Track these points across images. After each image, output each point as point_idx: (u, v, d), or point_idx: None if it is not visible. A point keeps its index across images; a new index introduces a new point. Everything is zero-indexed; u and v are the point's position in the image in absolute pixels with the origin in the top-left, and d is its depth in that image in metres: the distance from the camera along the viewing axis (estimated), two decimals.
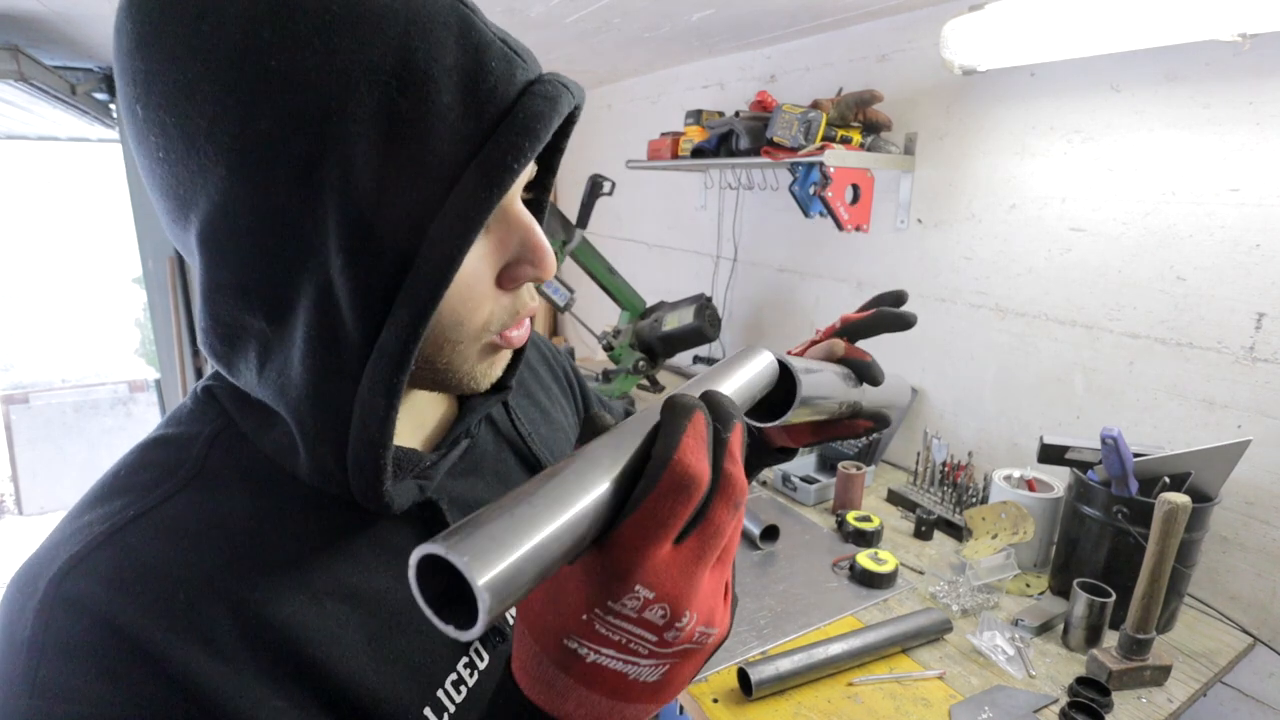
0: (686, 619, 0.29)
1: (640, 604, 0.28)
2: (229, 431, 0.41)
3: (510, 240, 0.39)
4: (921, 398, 1.76)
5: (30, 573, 0.35)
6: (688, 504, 0.28)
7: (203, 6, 0.31)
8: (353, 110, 0.31)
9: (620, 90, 2.87)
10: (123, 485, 0.38)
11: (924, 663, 1.05)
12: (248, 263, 0.34)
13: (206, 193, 0.33)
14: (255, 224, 0.33)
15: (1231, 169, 1.16)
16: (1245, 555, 1.20)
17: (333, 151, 0.32)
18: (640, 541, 0.28)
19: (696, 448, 0.29)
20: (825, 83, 1.88)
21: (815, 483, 1.58)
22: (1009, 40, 1.29)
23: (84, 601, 0.33)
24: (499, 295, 0.40)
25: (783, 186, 2.02)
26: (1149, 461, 1.12)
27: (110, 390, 4.06)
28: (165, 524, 0.36)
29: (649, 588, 0.28)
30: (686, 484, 0.28)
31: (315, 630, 0.38)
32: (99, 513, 0.36)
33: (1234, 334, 1.18)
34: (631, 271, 2.48)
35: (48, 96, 2.19)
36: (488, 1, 1.62)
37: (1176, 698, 1.00)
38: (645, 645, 0.29)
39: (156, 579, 0.34)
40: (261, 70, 0.31)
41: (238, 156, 0.32)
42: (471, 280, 0.38)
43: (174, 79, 0.32)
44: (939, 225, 1.66)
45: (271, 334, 0.36)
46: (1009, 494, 1.31)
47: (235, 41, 0.31)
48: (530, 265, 0.40)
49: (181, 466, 0.39)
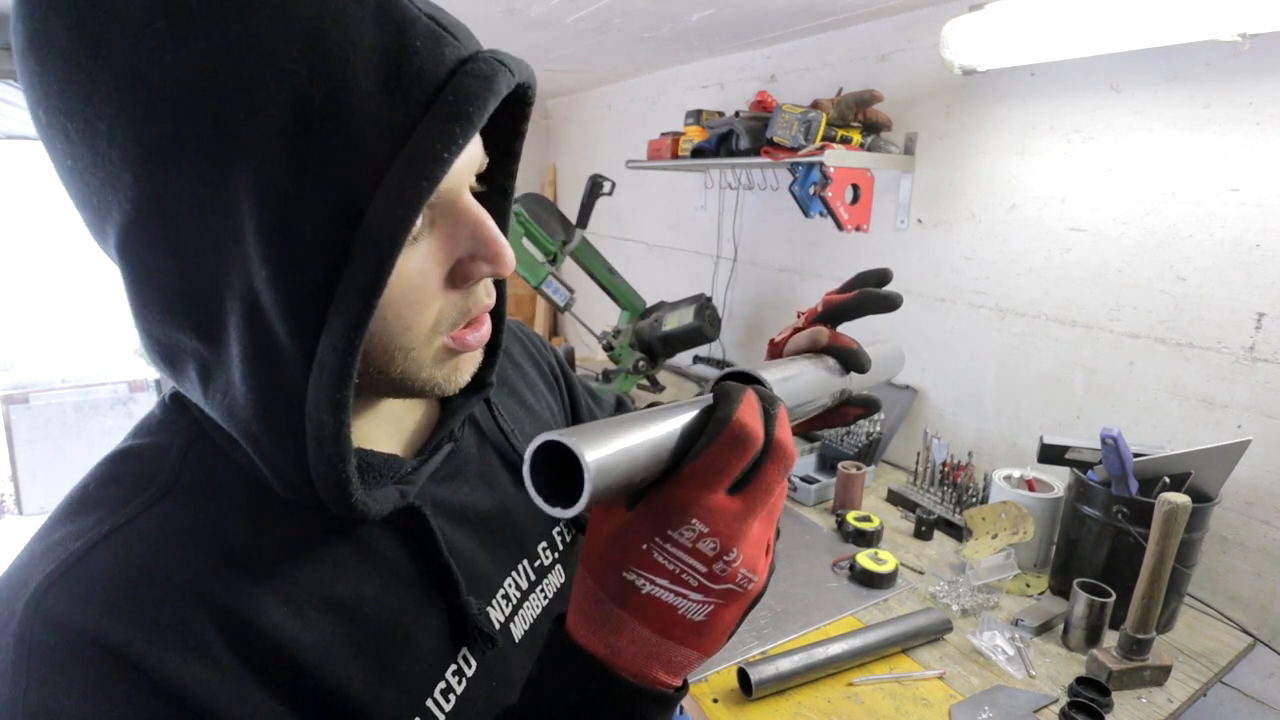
0: (734, 555, 0.33)
1: (695, 535, 0.32)
2: (201, 440, 0.39)
3: (459, 235, 0.37)
4: (921, 398, 1.76)
5: (3, 597, 0.33)
6: (743, 456, 0.33)
7: None
8: (260, 104, 0.28)
9: (620, 90, 2.87)
10: (94, 499, 0.36)
11: (924, 663, 1.05)
12: (169, 276, 0.32)
13: (118, 201, 0.31)
14: (169, 235, 0.31)
15: (1231, 169, 1.16)
16: (1245, 555, 1.20)
17: (241, 151, 0.29)
18: (700, 483, 0.32)
19: (753, 412, 0.34)
20: (825, 83, 1.88)
21: (815, 483, 1.58)
22: (1009, 40, 1.29)
23: (65, 620, 0.31)
24: (448, 295, 0.38)
25: (783, 186, 2.02)
26: (1149, 461, 1.12)
27: (110, 390, 4.06)
28: (145, 536, 0.35)
29: (704, 522, 0.32)
30: (743, 439, 0.33)
31: (302, 640, 0.36)
32: (71, 529, 0.35)
33: (1234, 334, 1.18)
34: (631, 271, 2.48)
35: None
36: (488, 2, 1.62)
37: (1176, 698, 1.00)
38: (696, 576, 0.33)
39: (140, 591, 0.33)
40: (158, 65, 0.28)
41: (141, 162, 0.29)
42: (416, 281, 0.35)
43: (68, 79, 0.29)
44: (939, 225, 1.65)
45: (207, 353, 0.34)
46: (1009, 494, 1.31)
47: (129, 34, 0.28)
48: (485, 261, 0.37)
49: (155, 478, 0.37)
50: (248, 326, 0.32)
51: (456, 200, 0.37)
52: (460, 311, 0.39)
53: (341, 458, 0.34)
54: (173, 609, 0.33)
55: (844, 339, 0.53)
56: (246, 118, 0.29)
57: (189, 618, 0.33)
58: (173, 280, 0.32)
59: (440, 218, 0.36)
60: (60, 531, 0.35)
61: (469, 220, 0.37)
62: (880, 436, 1.69)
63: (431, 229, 0.36)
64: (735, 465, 0.33)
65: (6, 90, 2.03)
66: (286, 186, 0.29)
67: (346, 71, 0.29)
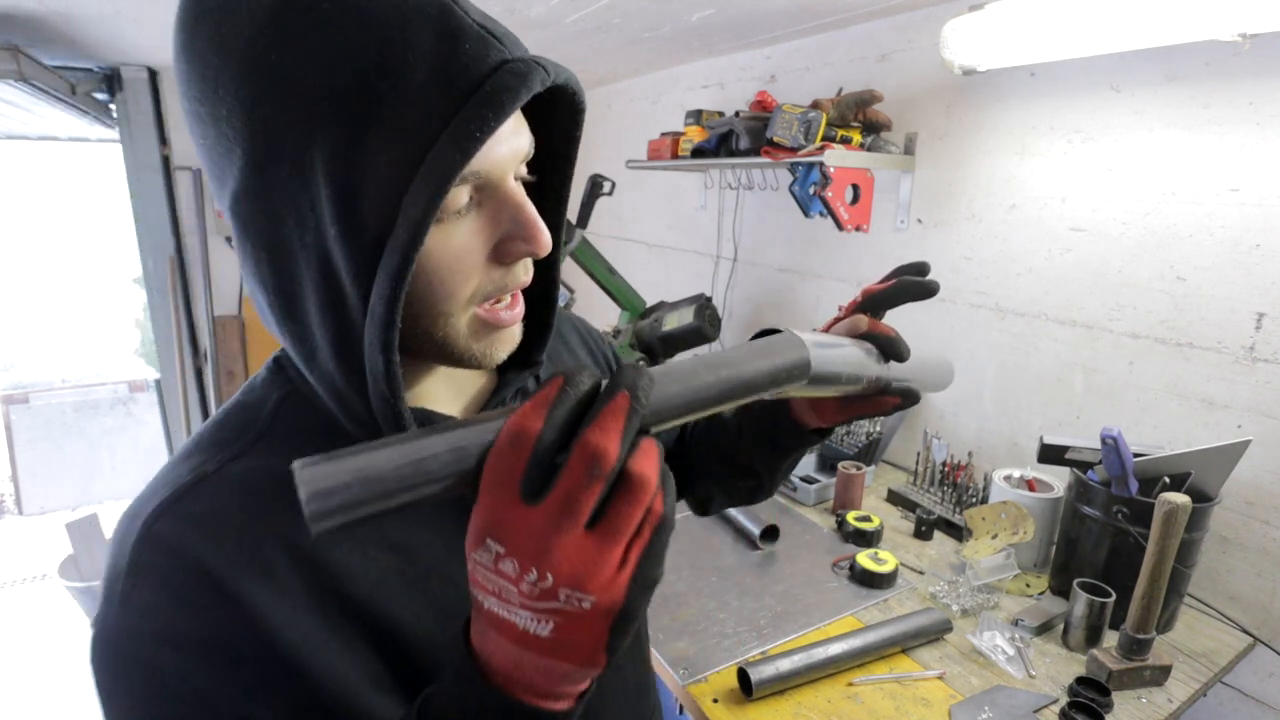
0: (535, 576, 0.30)
1: (494, 556, 0.31)
2: (293, 397, 0.46)
3: (502, 216, 0.42)
4: (922, 398, 1.76)
5: (133, 511, 0.41)
6: (519, 459, 0.30)
7: (222, 13, 0.37)
8: (336, 95, 0.35)
9: (620, 90, 2.87)
10: (205, 442, 0.44)
11: (924, 663, 1.05)
12: (264, 234, 0.39)
13: (232, 172, 0.38)
14: (266, 199, 0.38)
15: (1231, 169, 1.16)
16: (1245, 555, 1.20)
17: (321, 132, 0.36)
18: (486, 497, 0.31)
19: (534, 410, 0.31)
20: (825, 83, 1.88)
21: (815, 483, 1.58)
22: (1009, 40, 1.29)
23: (168, 539, 0.39)
24: (489, 270, 0.43)
25: (783, 186, 2.02)
26: (1149, 461, 1.12)
27: (110, 390, 4.05)
28: (236, 477, 0.42)
29: (498, 541, 0.30)
30: (520, 441, 0.30)
31: (359, 574, 0.43)
32: (188, 465, 0.43)
33: (1234, 334, 1.18)
34: (631, 271, 2.48)
35: (48, 96, 2.19)
36: (488, 2, 1.62)
37: (1176, 698, 1.00)
38: (513, 595, 0.31)
39: (227, 523, 0.40)
40: (264, 65, 0.36)
41: (249, 139, 0.37)
42: (460, 253, 0.41)
43: (203, 75, 0.37)
44: (939, 225, 1.65)
45: (293, 300, 0.40)
46: (1009, 494, 1.31)
47: (244, 41, 0.36)
48: (522, 241, 0.42)
49: (251, 428, 0.45)
50: (321, 278, 0.39)
51: (500, 185, 0.41)
52: (498, 286, 0.44)
53: (394, 392, 0.39)
54: (252, 540, 0.40)
55: (882, 326, 0.55)
56: (325, 106, 0.36)
57: (264, 549, 0.40)
58: (269, 236, 0.39)
59: (486, 199, 0.42)
60: (181, 466, 0.43)
61: (511, 204, 0.42)
62: (880, 436, 1.69)
63: (478, 209, 0.41)
64: (514, 469, 0.30)
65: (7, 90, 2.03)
66: (353, 161, 0.36)
67: (405, 69, 0.36)
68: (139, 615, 0.38)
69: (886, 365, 0.54)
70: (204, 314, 2.98)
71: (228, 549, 0.40)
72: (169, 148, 2.78)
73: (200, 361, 3.04)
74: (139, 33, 2.04)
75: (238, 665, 0.39)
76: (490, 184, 0.41)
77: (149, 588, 0.38)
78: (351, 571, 0.43)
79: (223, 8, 0.37)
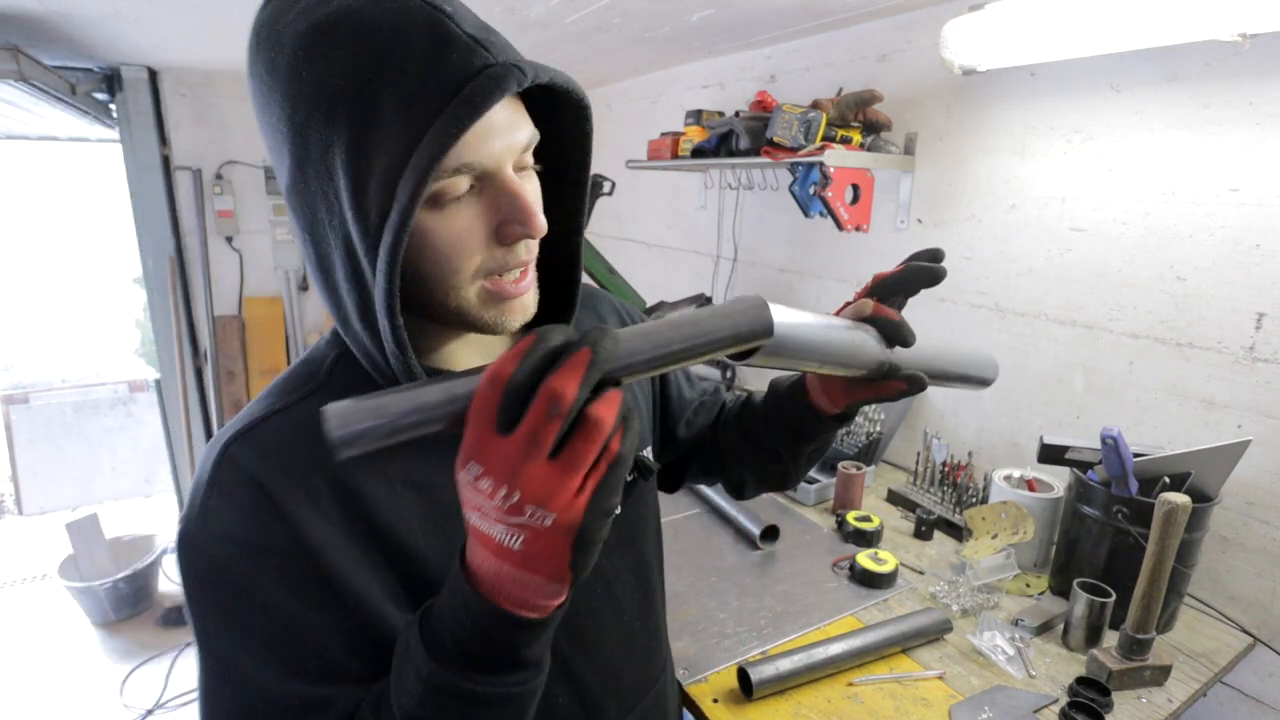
0: (506, 492, 0.37)
1: (474, 476, 0.38)
2: (346, 356, 0.55)
3: (500, 203, 0.48)
4: (921, 398, 1.76)
5: (218, 438, 0.51)
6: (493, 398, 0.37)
7: (272, 42, 0.45)
8: (349, 101, 0.43)
9: (620, 90, 2.87)
10: (278, 389, 0.54)
11: (924, 663, 1.05)
12: (307, 220, 0.47)
13: (283, 170, 0.47)
14: (306, 191, 0.46)
15: (1231, 169, 1.16)
16: (1245, 555, 1.20)
17: (338, 133, 0.43)
18: (469, 428, 0.38)
19: (510, 358, 0.37)
20: (825, 83, 1.88)
21: (815, 483, 1.58)
22: (1009, 40, 1.29)
23: (239, 461, 0.49)
24: (492, 249, 0.49)
25: (783, 186, 2.02)
26: (1149, 461, 1.12)
27: (110, 390, 4.06)
28: (297, 418, 0.51)
29: (477, 463, 0.38)
30: (495, 382, 0.37)
31: (387, 506, 0.51)
32: (261, 406, 0.53)
33: (1234, 334, 1.18)
34: (631, 271, 2.48)
35: (48, 96, 2.19)
36: (487, 2, 1.62)
37: (1176, 698, 1.00)
38: (490, 511, 0.38)
39: (286, 454, 0.50)
40: (299, 80, 0.44)
41: (290, 142, 0.45)
42: (463, 234, 0.47)
43: (262, 90, 0.46)
44: (939, 225, 1.65)
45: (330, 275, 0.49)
46: (1009, 494, 1.31)
47: (285, 63, 0.44)
48: (518, 224, 0.48)
49: (312, 379, 0.54)
50: (345, 256, 0.46)
51: (498, 174, 0.47)
52: (500, 263, 0.50)
53: (401, 349, 0.47)
54: (301, 469, 0.49)
55: (886, 310, 0.57)
56: (340, 110, 0.43)
57: (311, 477, 0.49)
58: (308, 222, 0.47)
59: (486, 187, 0.47)
60: (255, 407, 0.53)
61: (507, 191, 0.47)
62: (880, 436, 1.69)
63: (479, 196, 0.48)
64: (490, 404, 0.37)
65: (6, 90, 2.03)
66: (362, 155, 0.43)
67: (400, 77, 0.42)
68: (212, 519, 0.48)
69: (891, 350, 0.54)
70: (204, 314, 2.98)
71: (282, 474, 0.49)
72: (169, 148, 2.78)
73: (200, 361, 3.04)
74: (139, 33, 2.04)
75: (286, 567, 0.48)
76: (489, 173, 0.47)
77: (220, 498, 0.48)
78: (379, 501, 0.51)
79: (273, 38, 0.45)
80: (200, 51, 2.33)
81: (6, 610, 2.94)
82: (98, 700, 2.40)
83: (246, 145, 2.91)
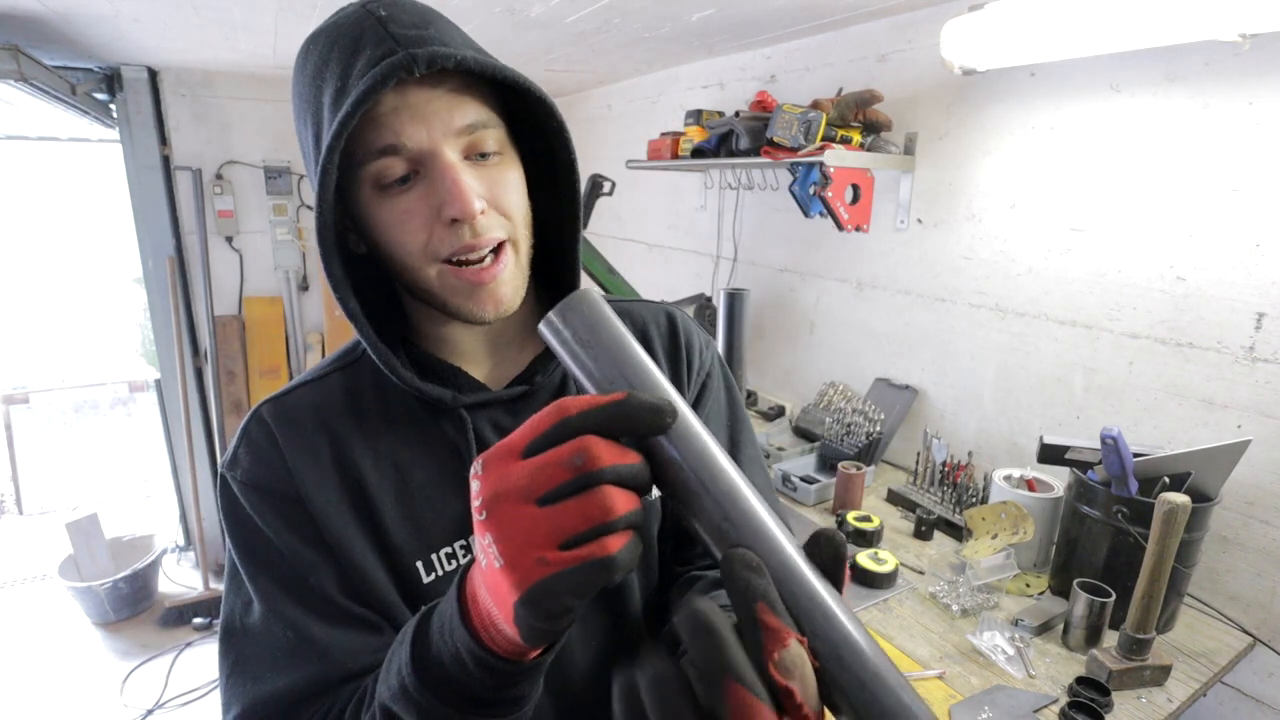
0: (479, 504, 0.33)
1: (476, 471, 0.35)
2: None
3: (436, 185, 0.51)
4: (921, 397, 1.76)
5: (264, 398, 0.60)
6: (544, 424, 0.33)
7: (302, 62, 0.53)
8: (308, 104, 0.52)
9: (620, 90, 2.87)
10: (322, 362, 0.63)
11: (924, 662, 1.05)
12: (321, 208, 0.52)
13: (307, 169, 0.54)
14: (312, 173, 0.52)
15: (1231, 169, 1.16)
16: (1245, 555, 1.20)
17: (308, 131, 0.53)
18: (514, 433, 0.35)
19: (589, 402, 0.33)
20: (825, 83, 1.88)
21: (815, 483, 1.58)
22: (1009, 40, 1.29)
23: (265, 418, 0.58)
24: (439, 228, 0.52)
25: (783, 186, 2.02)
26: (1149, 461, 1.12)
27: (110, 390, 4.06)
28: (322, 388, 0.60)
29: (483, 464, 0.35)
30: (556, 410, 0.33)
31: (371, 478, 0.57)
32: (304, 375, 0.62)
33: (1234, 334, 1.18)
34: (631, 271, 2.48)
35: (48, 96, 2.19)
36: (488, 2, 1.62)
37: (1176, 698, 1.00)
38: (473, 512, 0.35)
39: (303, 416, 0.58)
40: (306, 91, 0.53)
41: (303, 144, 0.55)
42: (404, 216, 0.52)
43: (295, 102, 0.55)
44: (939, 225, 1.65)
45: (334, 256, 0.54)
46: (1009, 494, 1.30)
47: (294, 81, 0.55)
48: (447, 205, 0.50)
49: (349, 355, 0.62)
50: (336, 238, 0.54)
51: (435, 158, 0.50)
52: (450, 245, 0.52)
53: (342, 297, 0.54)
54: (312, 431, 0.58)
55: None
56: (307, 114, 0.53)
57: (319, 438, 0.58)
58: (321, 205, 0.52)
59: (426, 171, 0.51)
60: (301, 375, 0.62)
61: (439, 174, 0.51)
62: (880, 436, 1.69)
63: (419, 179, 0.52)
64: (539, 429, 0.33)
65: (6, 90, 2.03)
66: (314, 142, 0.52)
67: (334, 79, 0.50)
68: (238, 465, 0.57)
69: None
70: (204, 314, 2.98)
71: (295, 432, 0.57)
72: (169, 148, 2.78)
73: (200, 361, 3.04)
74: (139, 33, 2.03)
75: (289, 509, 0.55)
76: (426, 157, 0.50)
77: (245, 448, 0.57)
78: (365, 471, 0.57)
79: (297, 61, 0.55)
80: (200, 51, 2.32)
81: (6, 610, 2.94)
82: (98, 700, 2.40)
83: (246, 145, 2.91)
